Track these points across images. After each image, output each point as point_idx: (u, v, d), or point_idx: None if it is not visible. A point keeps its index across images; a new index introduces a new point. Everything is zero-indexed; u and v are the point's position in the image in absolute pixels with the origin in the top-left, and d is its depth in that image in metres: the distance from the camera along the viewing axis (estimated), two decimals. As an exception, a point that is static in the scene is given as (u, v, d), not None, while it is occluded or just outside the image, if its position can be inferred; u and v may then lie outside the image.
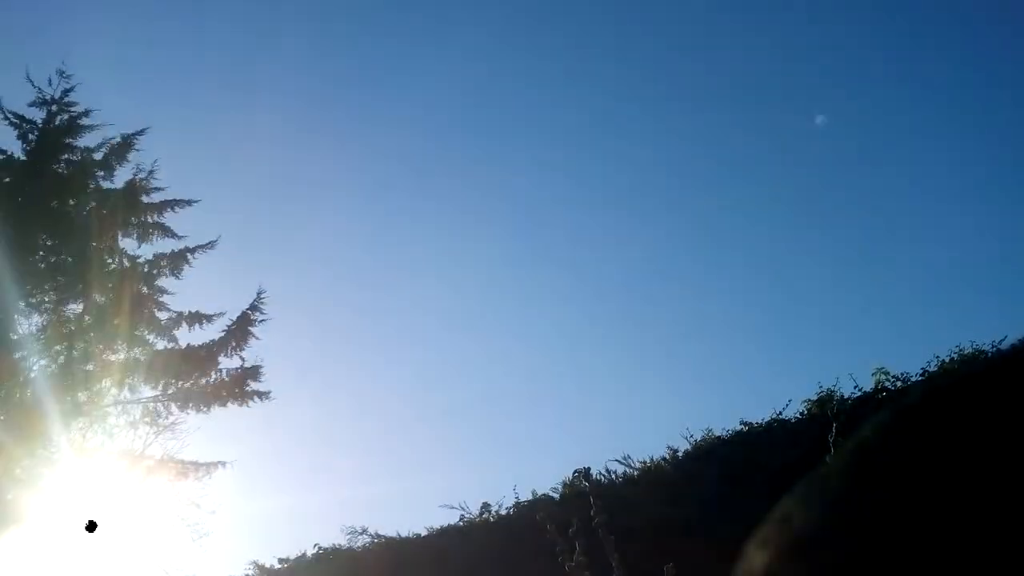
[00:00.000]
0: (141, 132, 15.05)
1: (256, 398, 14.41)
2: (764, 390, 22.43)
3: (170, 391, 14.26)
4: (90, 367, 14.03)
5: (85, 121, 15.02)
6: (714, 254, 23.36)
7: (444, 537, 10.45)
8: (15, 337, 13.61)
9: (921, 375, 8.28)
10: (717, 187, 23.34)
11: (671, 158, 23.41)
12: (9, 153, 14.57)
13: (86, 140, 15.01)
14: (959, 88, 20.42)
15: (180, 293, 14.83)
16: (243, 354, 14.44)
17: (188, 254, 14.76)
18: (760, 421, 9.11)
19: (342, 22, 23.52)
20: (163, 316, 14.53)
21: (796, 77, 21.88)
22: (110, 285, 14.32)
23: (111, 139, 14.97)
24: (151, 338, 14.42)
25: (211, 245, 14.95)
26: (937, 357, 8.33)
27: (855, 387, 8.70)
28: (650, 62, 23.45)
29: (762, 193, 23.08)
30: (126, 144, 14.99)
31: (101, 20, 21.35)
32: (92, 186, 14.90)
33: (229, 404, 14.35)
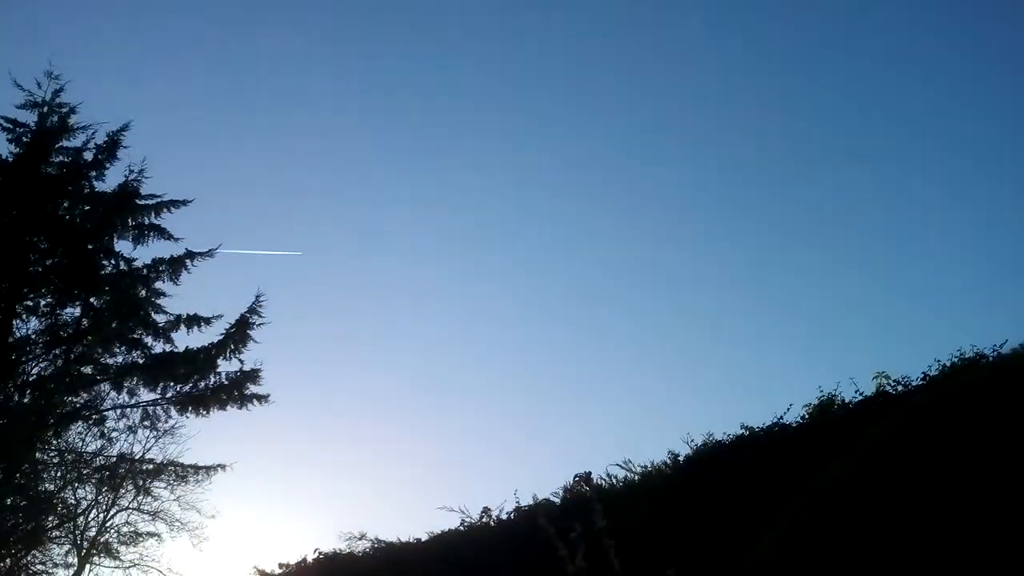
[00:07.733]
0: (125, 128, 14.98)
1: (256, 401, 14.35)
2: (766, 395, 22.47)
3: (169, 394, 14.19)
4: (88, 370, 13.96)
5: (74, 121, 14.90)
6: (716, 259, 23.34)
7: (443, 543, 10.39)
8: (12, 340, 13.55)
9: (922, 379, 8.20)
10: (716, 187, 23.32)
11: (674, 162, 23.38)
12: (2, 156, 14.48)
13: (77, 141, 14.94)
14: (961, 88, 20.39)
15: (177, 295, 14.75)
16: (242, 357, 14.39)
17: (187, 260, 14.62)
18: (761, 426, 9.05)
19: (333, 25, 23.51)
20: (161, 319, 14.47)
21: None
22: (107, 288, 14.23)
23: (93, 133, 14.85)
24: (149, 341, 14.36)
25: (211, 253, 14.84)
26: (938, 361, 8.27)
27: (856, 391, 8.64)
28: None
29: (762, 194, 23.06)
30: (113, 142, 14.90)
31: (94, 19, 21.35)
32: (86, 188, 14.82)
33: (229, 407, 14.29)
